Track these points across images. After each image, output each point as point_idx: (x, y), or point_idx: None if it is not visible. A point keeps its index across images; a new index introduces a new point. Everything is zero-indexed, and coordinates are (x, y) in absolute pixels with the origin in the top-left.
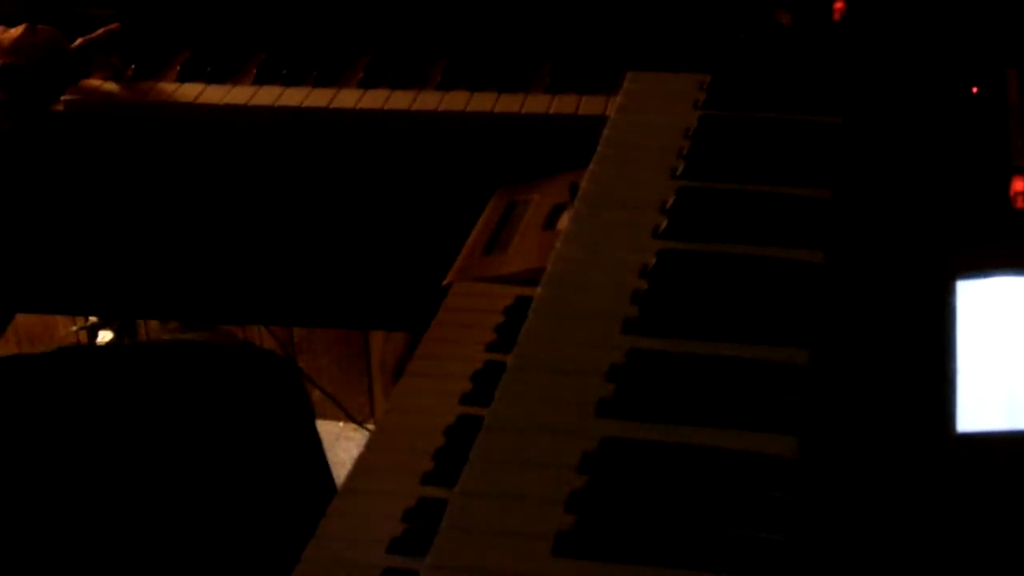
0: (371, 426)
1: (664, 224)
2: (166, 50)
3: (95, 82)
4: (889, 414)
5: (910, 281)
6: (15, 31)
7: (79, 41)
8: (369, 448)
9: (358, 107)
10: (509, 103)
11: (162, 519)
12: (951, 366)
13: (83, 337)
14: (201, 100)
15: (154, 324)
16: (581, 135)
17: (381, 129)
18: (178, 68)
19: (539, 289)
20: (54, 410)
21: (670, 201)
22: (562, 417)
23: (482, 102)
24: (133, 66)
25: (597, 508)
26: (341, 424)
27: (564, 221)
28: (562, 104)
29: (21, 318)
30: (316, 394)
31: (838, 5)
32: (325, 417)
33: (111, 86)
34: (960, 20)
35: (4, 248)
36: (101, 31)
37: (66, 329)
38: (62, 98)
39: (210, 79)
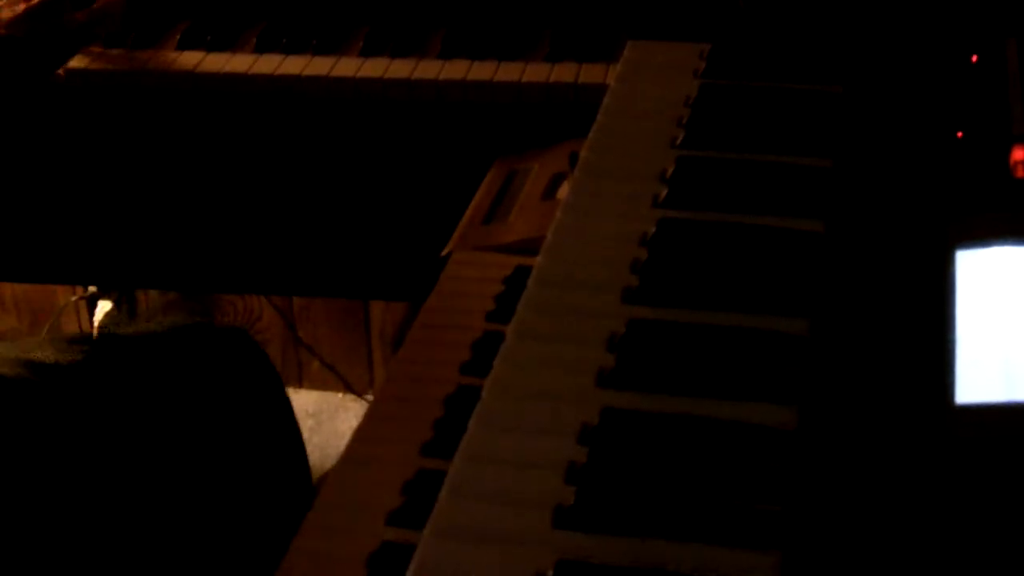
0: (370, 396)
1: (664, 193)
2: (166, 18)
3: (95, 50)
4: (888, 385)
5: (910, 251)
6: (21, 5)
7: (80, 16)
8: (368, 418)
9: (358, 76)
10: (509, 72)
11: (134, 506)
12: (950, 336)
13: (83, 307)
14: (201, 69)
15: (153, 294)
16: (581, 104)
17: (381, 98)
18: (178, 37)
19: (539, 258)
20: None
21: (670, 170)
22: (562, 387)
23: (482, 70)
24: (133, 34)
25: (597, 480)
26: (340, 395)
27: (564, 190)
28: (562, 73)
29: (21, 288)
30: (315, 364)
31: None
32: (324, 388)
33: (111, 54)
34: None
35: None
36: (103, 2)
37: (66, 299)
38: (63, 66)
39: (210, 47)
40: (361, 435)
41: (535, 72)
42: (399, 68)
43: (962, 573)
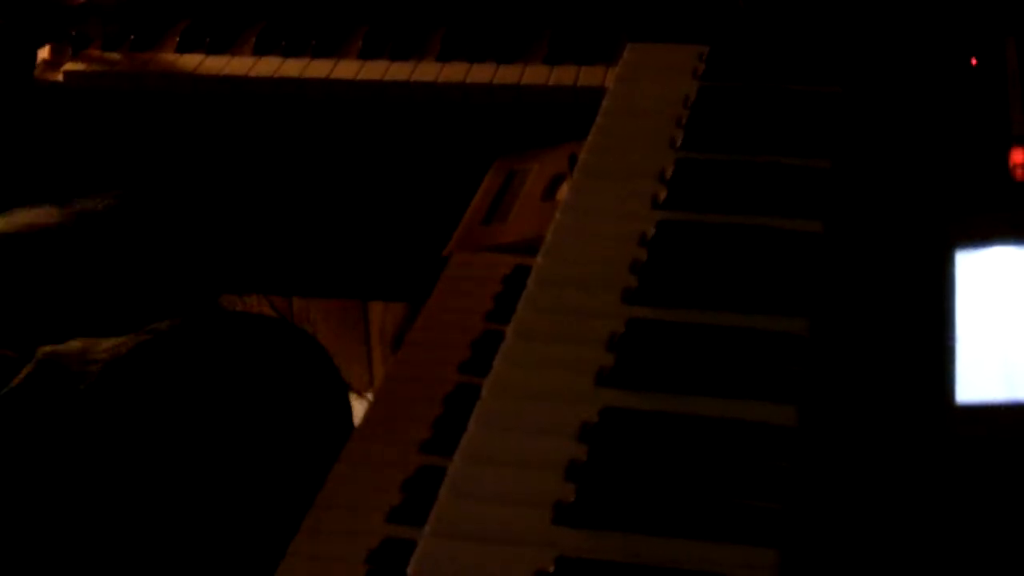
0: (370, 395)
1: (663, 194)
2: (165, 20)
3: (94, 52)
4: (888, 384)
5: (909, 251)
6: None
7: None
8: (368, 417)
9: (357, 78)
10: (508, 74)
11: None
12: (950, 336)
13: None
14: (200, 70)
15: None
16: (580, 106)
17: (380, 99)
18: (177, 38)
19: (538, 258)
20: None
21: (669, 171)
22: (561, 386)
23: (481, 73)
24: (132, 36)
25: (597, 478)
26: None
27: (563, 191)
28: (561, 75)
29: None
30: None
31: None
32: None
33: (110, 56)
34: None
35: None
36: None
37: None
38: (61, 68)
39: (209, 49)
40: (361, 433)
41: (534, 74)
42: (398, 70)
43: (962, 572)
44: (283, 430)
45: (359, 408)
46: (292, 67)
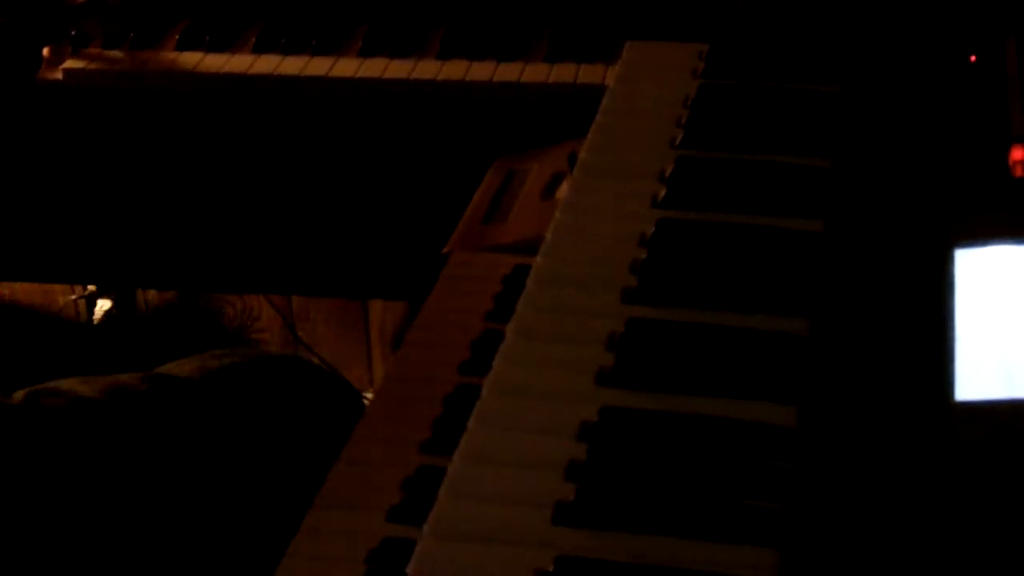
0: (370, 395)
1: (663, 193)
2: (165, 18)
3: (94, 50)
4: (888, 383)
5: (909, 250)
6: None
7: None
8: (367, 417)
9: (357, 76)
10: (508, 72)
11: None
12: (949, 335)
13: (82, 306)
14: (200, 69)
15: (152, 293)
16: (580, 104)
17: (380, 98)
18: (177, 37)
19: (538, 258)
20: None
21: (669, 170)
22: (561, 385)
23: (481, 71)
24: (132, 34)
25: (597, 478)
26: None
27: (563, 190)
28: (561, 73)
29: (20, 287)
30: (314, 363)
31: None
32: None
33: (110, 54)
34: None
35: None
36: None
37: (65, 298)
38: (61, 67)
39: (209, 48)
40: (361, 434)
41: (534, 72)
42: (398, 68)
43: (962, 572)
44: (286, 436)
45: None
46: (292, 65)
